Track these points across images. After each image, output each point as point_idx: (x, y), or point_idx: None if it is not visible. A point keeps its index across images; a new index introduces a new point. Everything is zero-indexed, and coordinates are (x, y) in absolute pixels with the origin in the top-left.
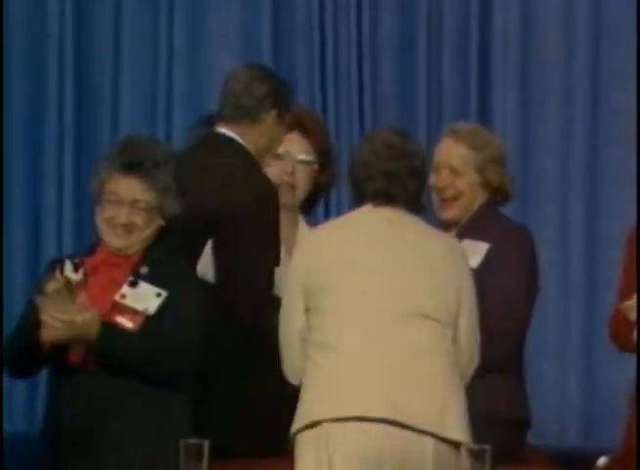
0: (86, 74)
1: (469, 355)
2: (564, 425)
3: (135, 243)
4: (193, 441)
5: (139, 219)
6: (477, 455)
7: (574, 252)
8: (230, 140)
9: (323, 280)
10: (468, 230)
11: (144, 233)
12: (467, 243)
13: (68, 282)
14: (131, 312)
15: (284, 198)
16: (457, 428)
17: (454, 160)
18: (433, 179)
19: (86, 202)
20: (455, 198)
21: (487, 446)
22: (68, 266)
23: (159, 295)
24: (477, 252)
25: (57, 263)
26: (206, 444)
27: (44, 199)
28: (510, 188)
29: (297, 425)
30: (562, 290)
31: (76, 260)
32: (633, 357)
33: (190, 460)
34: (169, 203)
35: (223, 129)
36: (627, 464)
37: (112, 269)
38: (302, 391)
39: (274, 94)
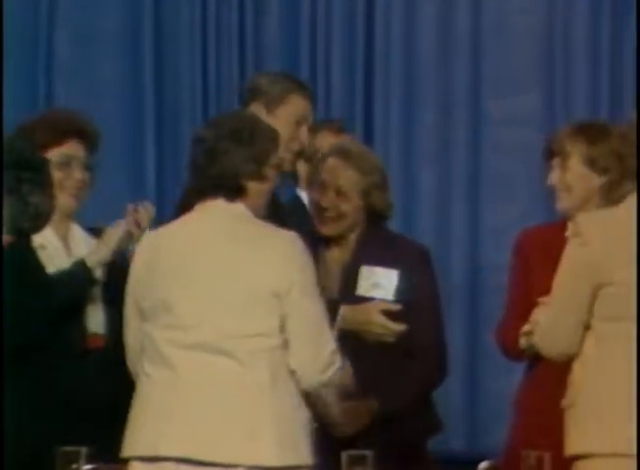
0: None
1: (305, 357)
2: (447, 430)
3: None
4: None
5: None
6: (356, 461)
7: (455, 259)
8: None
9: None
10: (366, 257)
11: None
12: (375, 270)
13: None
14: None
15: None
16: (268, 451)
17: (341, 181)
18: (317, 196)
19: None
20: (338, 218)
21: (369, 452)
22: None
23: None
24: (389, 279)
25: None
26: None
27: None
28: (390, 212)
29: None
30: (444, 297)
31: None
32: (517, 363)
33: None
34: None
35: None
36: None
37: None
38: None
39: (253, 90)
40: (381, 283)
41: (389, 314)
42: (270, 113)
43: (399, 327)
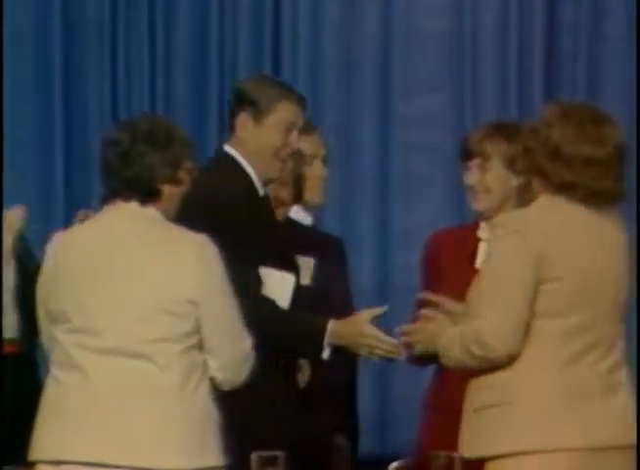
0: None
1: (224, 359)
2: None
3: None
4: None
5: None
6: (267, 462)
7: (365, 260)
8: (225, 155)
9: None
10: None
11: None
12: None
13: None
14: None
15: None
16: (178, 455)
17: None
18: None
19: None
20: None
21: (279, 453)
22: None
23: None
24: (307, 266)
25: None
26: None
27: None
28: None
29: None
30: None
31: None
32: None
33: None
34: None
35: (226, 147)
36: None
37: None
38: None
39: (241, 99)
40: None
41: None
42: (258, 123)
43: (393, 340)
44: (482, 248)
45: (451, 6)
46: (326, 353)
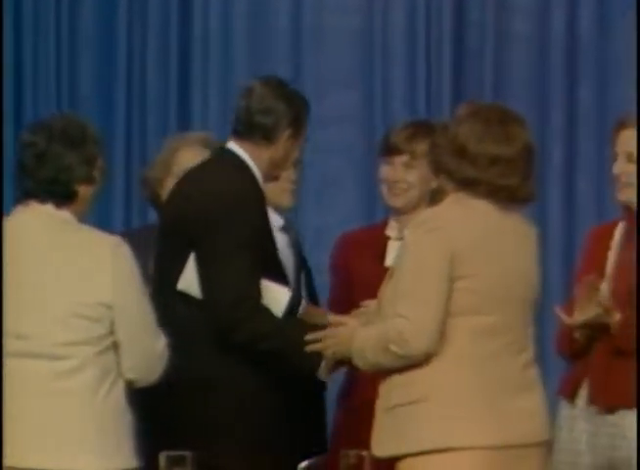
0: None
1: (137, 359)
2: None
3: None
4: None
5: None
6: (175, 462)
7: None
8: (233, 155)
9: None
10: None
11: None
12: None
13: None
14: None
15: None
16: (90, 458)
17: None
18: None
19: None
20: None
21: (188, 453)
22: None
23: None
24: None
25: None
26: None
27: None
28: None
29: None
30: None
31: None
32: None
33: None
34: None
35: (232, 145)
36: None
37: None
38: None
39: (290, 112)
40: None
41: None
42: (269, 147)
43: None
44: (392, 246)
45: (362, 4)
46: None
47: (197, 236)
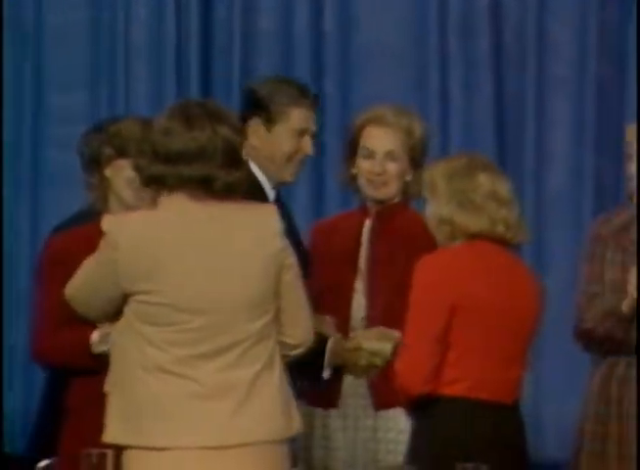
0: None
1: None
2: None
3: None
4: None
5: None
6: (97, 459)
7: None
8: None
9: None
10: None
11: None
12: None
13: None
14: None
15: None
16: None
17: None
18: None
19: None
20: None
21: (108, 451)
22: None
23: None
24: None
25: None
26: None
27: None
28: None
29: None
30: None
31: None
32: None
33: None
34: None
35: None
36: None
37: None
38: None
39: (252, 104)
40: None
41: None
42: (270, 130)
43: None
44: None
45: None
46: (326, 373)
47: None
